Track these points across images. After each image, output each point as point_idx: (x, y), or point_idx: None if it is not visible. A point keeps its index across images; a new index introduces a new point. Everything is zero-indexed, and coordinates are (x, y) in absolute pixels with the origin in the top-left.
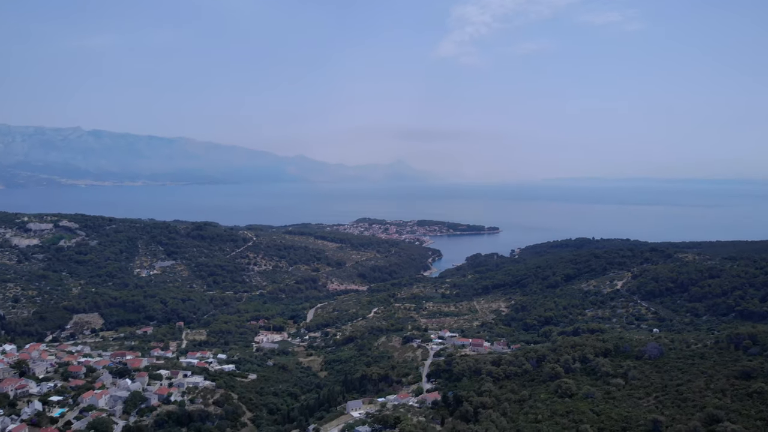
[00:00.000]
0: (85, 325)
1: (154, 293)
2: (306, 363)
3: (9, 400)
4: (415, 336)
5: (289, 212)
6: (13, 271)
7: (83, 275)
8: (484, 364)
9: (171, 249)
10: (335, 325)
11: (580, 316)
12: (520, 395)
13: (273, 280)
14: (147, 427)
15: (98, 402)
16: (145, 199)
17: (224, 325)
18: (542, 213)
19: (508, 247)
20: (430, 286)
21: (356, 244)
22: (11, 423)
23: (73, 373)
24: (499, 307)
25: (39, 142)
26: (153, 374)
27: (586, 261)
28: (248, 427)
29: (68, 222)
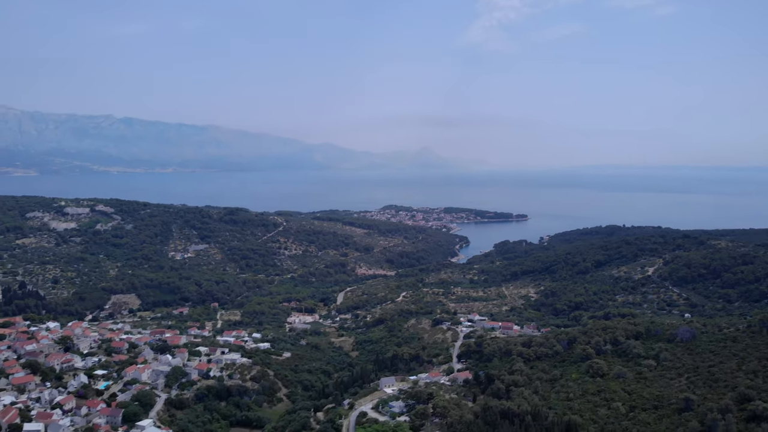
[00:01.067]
0: (122, 306)
1: (188, 275)
2: (337, 343)
3: (56, 374)
4: (444, 319)
5: (316, 199)
6: (52, 253)
7: (120, 258)
8: (514, 345)
9: (204, 233)
10: (365, 308)
11: (611, 302)
12: (552, 375)
13: (303, 264)
14: (188, 401)
15: (141, 376)
16: (176, 185)
17: (258, 307)
18: (571, 200)
19: (537, 234)
20: (458, 271)
21: (383, 230)
22: (59, 395)
23: (116, 348)
24: (528, 292)
25: (72, 130)
26: (192, 351)
27: (617, 247)
28: (284, 402)
29: (104, 206)
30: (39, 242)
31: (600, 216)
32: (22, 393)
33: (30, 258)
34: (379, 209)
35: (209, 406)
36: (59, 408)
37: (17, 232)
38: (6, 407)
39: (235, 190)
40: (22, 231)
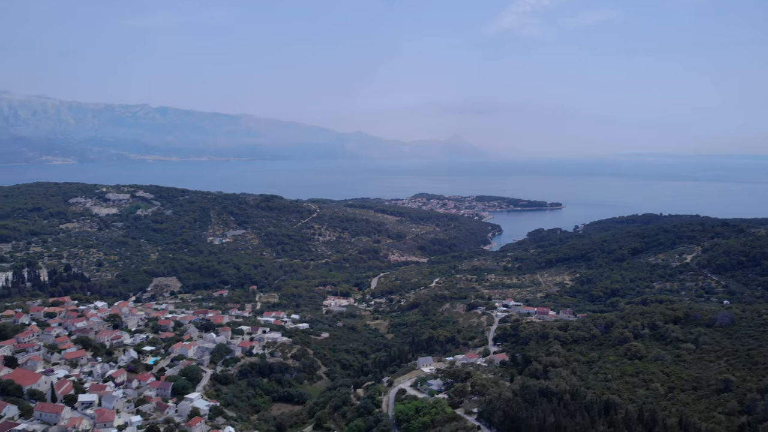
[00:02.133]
0: (164, 288)
1: (227, 259)
2: (373, 326)
3: (106, 349)
4: (479, 303)
5: (347, 187)
6: (95, 237)
7: (160, 242)
8: (551, 329)
9: (241, 219)
10: (398, 293)
11: (648, 289)
12: (589, 357)
13: (337, 250)
14: (232, 377)
15: (188, 352)
16: (211, 173)
17: (294, 290)
18: (606, 189)
19: (571, 223)
20: (491, 259)
21: (415, 217)
22: (110, 369)
23: (163, 326)
24: (563, 279)
25: (109, 119)
26: (235, 329)
27: (654, 235)
28: (324, 380)
29: (144, 193)
30: (82, 227)
31: (636, 204)
32: (75, 367)
33: (74, 242)
34: (410, 197)
35: (252, 382)
36: (111, 381)
37: (61, 217)
38: (61, 380)
39: (268, 179)
40: (65, 216)
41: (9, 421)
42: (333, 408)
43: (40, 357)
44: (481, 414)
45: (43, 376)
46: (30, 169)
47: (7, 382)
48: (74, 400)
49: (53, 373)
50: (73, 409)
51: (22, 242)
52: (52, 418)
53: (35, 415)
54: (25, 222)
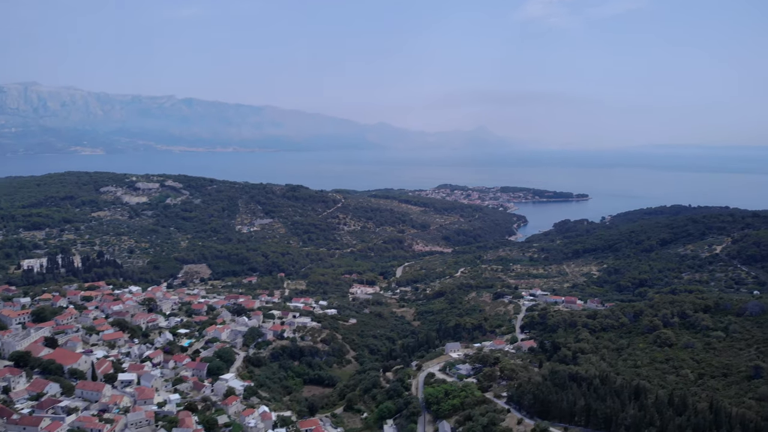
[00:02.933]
0: (194, 275)
1: (255, 247)
2: (399, 313)
3: (142, 332)
4: (505, 293)
5: (370, 178)
6: (126, 225)
7: (189, 230)
8: (579, 317)
9: (268, 208)
10: (424, 282)
11: (676, 279)
12: (618, 344)
13: (362, 239)
14: (264, 359)
15: (221, 335)
16: (236, 164)
17: (321, 277)
18: (633, 180)
19: (598, 214)
20: (516, 249)
21: (439, 208)
22: (147, 350)
23: (196, 310)
24: (590, 270)
25: (136, 110)
26: (266, 314)
27: (683, 226)
28: (353, 364)
29: (173, 182)
30: (113, 215)
31: (664, 196)
32: (113, 348)
33: (105, 230)
34: (434, 188)
35: (284, 364)
36: (149, 361)
37: (92, 205)
38: (100, 359)
39: (292, 169)
40: (97, 204)
41: (52, 398)
42: (363, 390)
43: (79, 338)
44: (510, 397)
45: (83, 355)
46: (59, 159)
47: (49, 361)
48: (114, 379)
49: (92, 353)
50: (113, 388)
51: (55, 230)
52: (94, 395)
53: (77, 392)
54: (58, 210)
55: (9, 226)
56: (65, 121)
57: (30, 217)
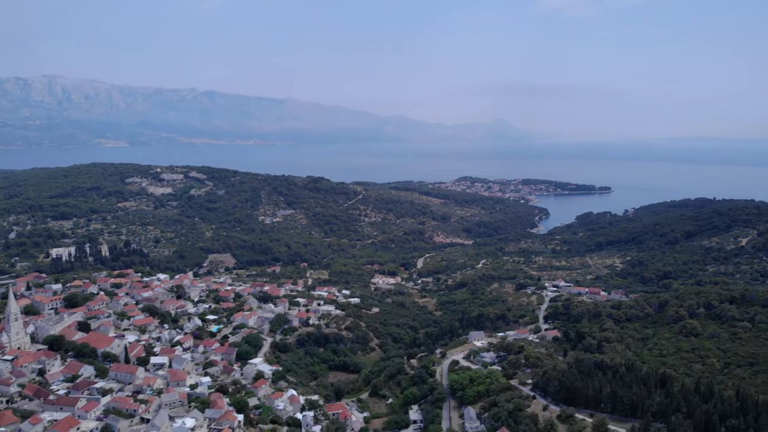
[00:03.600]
0: (219, 264)
1: (278, 238)
2: (421, 303)
3: (172, 317)
4: (528, 284)
5: (389, 171)
6: (152, 215)
7: (214, 221)
8: (603, 308)
9: (290, 199)
10: (445, 273)
11: (701, 272)
12: (643, 334)
13: (382, 231)
14: (291, 345)
15: (248, 321)
16: (257, 157)
17: (343, 267)
18: (656, 173)
19: (621, 207)
20: (538, 241)
21: (460, 200)
22: (177, 335)
23: (224, 297)
24: (613, 262)
25: (158, 103)
26: (292, 301)
27: (708, 218)
28: (376, 351)
29: (197, 173)
30: (138, 205)
31: (687, 189)
32: (144, 333)
33: (131, 219)
34: (454, 181)
35: (310, 350)
36: (179, 345)
37: (118, 196)
38: (132, 343)
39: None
40: (122, 195)
41: (87, 380)
42: (388, 376)
43: (111, 323)
44: (535, 384)
45: (116, 339)
46: (83, 151)
47: (83, 345)
48: (146, 362)
49: (124, 338)
50: (145, 371)
51: (82, 219)
52: (127, 377)
53: (111, 375)
54: (85, 200)
55: (37, 216)
56: (89, 113)
57: (58, 207)
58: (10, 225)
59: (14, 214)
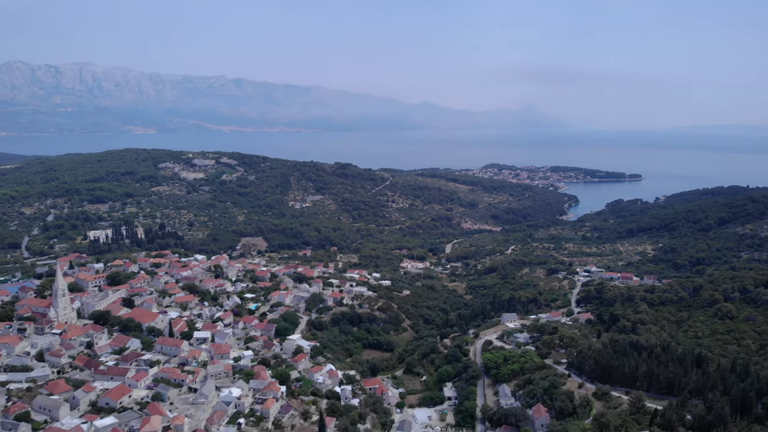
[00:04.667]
0: (251, 247)
1: (308, 222)
2: (451, 287)
3: (211, 295)
4: (559, 269)
5: (415, 158)
6: (185, 200)
7: (245, 205)
8: (636, 291)
9: (319, 185)
10: (474, 258)
11: (735, 258)
12: (678, 317)
13: (410, 217)
14: (326, 323)
15: (285, 300)
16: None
17: (372, 252)
18: (688, 161)
19: (651, 194)
20: (568, 228)
21: (487, 187)
22: (217, 312)
23: (260, 277)
24: (645, 249)
25: (187, 90)
26: (326, 282)
27: (743, 205)
28: (408, 331)
29: (228, 159)
30: (172, 190)
31: (720, 177)
32: (185, 310)
33: (165, 203)
34: (481, 168)
35: (344, 329)
36: (220, 321)
37: (152, 180)
38: (175, 319)
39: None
40: (156, 180)
41: (134, 352)
42: (422, 355)
43: (153, 300)
44: (570, 364)
45: (160, 315)
46: (114, 138)
47: (128, 320)
48: (189, 336)
49: (167, 314)
50: (189, 345)
51: (118, 203)
52: (173, 350)
53: (156, 348)
54: (119, 185)
55: (74, 200)
56: (119, 100)
57: (93, 191)
58: (48, 208)
59: (51, 197)
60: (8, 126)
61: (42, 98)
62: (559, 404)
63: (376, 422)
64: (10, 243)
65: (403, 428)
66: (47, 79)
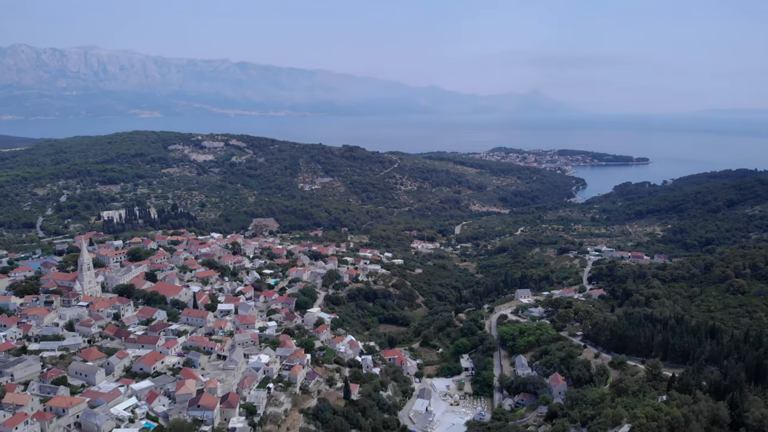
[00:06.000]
0: (263, 228)
1: (318, 204)
2: (462, 266)
3: (231, 271)
4: (570, 248)
5: (421, 142)
6: (195, 181)
7: (255, 187)
8: (648, 269)
9: (328, 167)
10: (484, 239)
11: (744, 239)
12: (690, 292)
13: (418, 199)
14: (343, 298)
15: (302, 276)
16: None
17: (383, 232)
18: (695, 145)
19: (659, 178)
20: (577, 210)
21: (495, 170)
22: (237, 286)
23: (277, 254)
24: (654, 230)
25: (192, 74)
26: (341, 260)
27: (751, 187)
28: (422, 308)
29: (237, 141)
30: (182, 171)
31: (728, 160)
32: (206, 284)
33: (176, 185)
34: (488, 151)
35: (360, 304)
36: (241, 295)
37: (162, 162)
38: (198, 292)
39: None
40: (166, 161)
41: (162, 322)
42: (437, 328)
43: (175, 275)
44: (586, 335)
45: (183, 288)
46: (120, 121)
47: (153, 293)
48: (213, 309)
49: (189, 288)
50: (214, 317)
51: (129, 184)
52: (198, 321)
53: (182, 319)
54: (130, 166)
55: (86, 181)
56: (124, 84)
57: (105, 173)
58: (60, 189)
59: (63, 179)
60: (14, 110)
61: (47, 82)
62: (576, 373)
63: (397, 390)
64: (24, 223)
65: (424, 395)
66: (52, 62)
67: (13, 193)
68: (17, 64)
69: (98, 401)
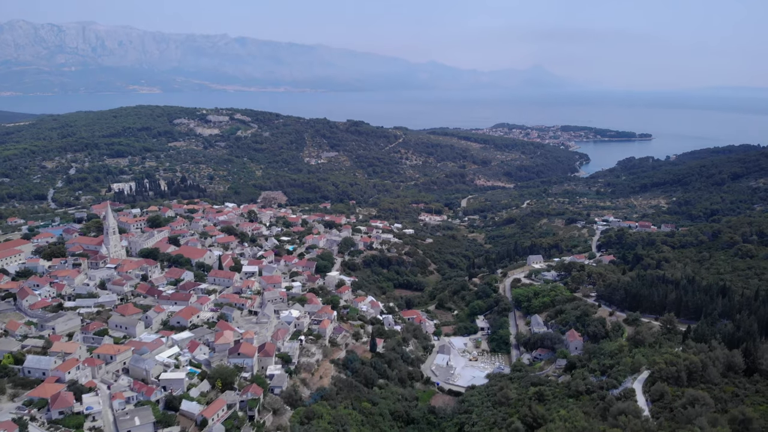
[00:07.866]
0: (272, 200)
1: (325, 177)
2: (470, 237)
3: (249, 237)
4: (578, 218)
5: (423, 118)
6: (202, 155)
7: (262, 161)
8: (657, 236)
9: (333, 142)
10: (491, 211)
11: (749, 210)
12: (699, 257)
13: (424, 173)
14: (358, 264)
15: (319, 243)
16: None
17: (390, 205)
18: (698, 121)
19: (662, 153)
20: (582, 184)
21: (499, 145)
22: (258, 251)
23: (292, 222)
24: (658, 203)
25: (191, 49)
26: (354, 228)
27: (756, 160)
28: (435, 275)
29: (241, 116)
30: (188, 145)
31: (731, 136)
32: (227, 249)
33: (184, 158)
34: (491, 127)
35: (375, 270)
36: (263, 259)
37: (168, 136)
38: (222, 255)
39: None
40: (172, 135)
41: (191, 282)
42: (452, 292)
43: (196, 240)
44: (600, 296)
45: (207, 251)
46: (119, 97)
47: (178, 255)
48: (238, 270)
49: (212, 252)
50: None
51: (137, 157)
52: (225, 281)
53: (209, 280)
54: (137, 140)
55: (94, 154)
56: (122, 60)
57: (112, 146)
58: (69, 162)
59: (71, 152)
60: (13, 86)
61: (46, 58)
62: (592, 329)
63: (418, 345)
64: (36, 194)
65: (443, 351)
66: (50, 38)
67: (22, 165)
68: (15, 40)
69: (142, 350)
